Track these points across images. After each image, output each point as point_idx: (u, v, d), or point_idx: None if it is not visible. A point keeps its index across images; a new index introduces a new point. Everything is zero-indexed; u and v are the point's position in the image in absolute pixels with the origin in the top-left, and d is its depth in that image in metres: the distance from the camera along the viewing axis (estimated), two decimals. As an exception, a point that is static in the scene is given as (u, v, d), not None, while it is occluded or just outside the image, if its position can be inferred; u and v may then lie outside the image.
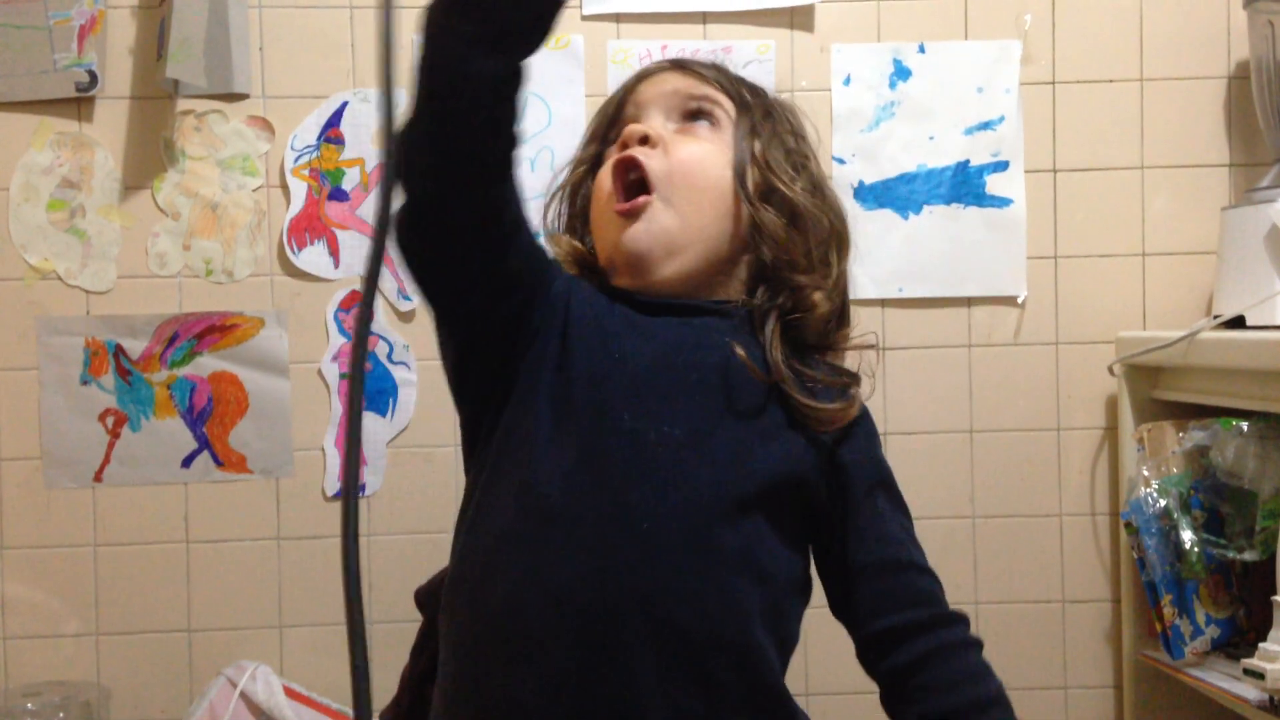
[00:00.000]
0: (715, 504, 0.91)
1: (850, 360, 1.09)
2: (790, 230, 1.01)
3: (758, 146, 1.04)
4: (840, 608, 1.01)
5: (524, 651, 0.88)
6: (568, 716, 0.87)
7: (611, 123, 1.08)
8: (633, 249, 0.99)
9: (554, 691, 0.87)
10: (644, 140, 1.01)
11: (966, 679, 0.95)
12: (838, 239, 1.06)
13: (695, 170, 1.01)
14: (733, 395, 0.96)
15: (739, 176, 1.02)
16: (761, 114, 1.07)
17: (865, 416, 1.03)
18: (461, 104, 0.83)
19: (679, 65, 1.09)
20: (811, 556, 1.03)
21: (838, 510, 0.99)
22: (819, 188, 1.07)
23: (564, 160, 1.15)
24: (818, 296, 1.01)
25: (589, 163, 1.09)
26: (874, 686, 1.00)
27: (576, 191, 1.10)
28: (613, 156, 1.03)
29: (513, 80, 0.85)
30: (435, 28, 0.83)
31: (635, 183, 1.00)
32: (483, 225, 0.89)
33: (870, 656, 0.99)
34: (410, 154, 0.84)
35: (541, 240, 1.04)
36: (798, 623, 0.99)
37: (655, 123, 1.04)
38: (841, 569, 1.00)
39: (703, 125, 1.05)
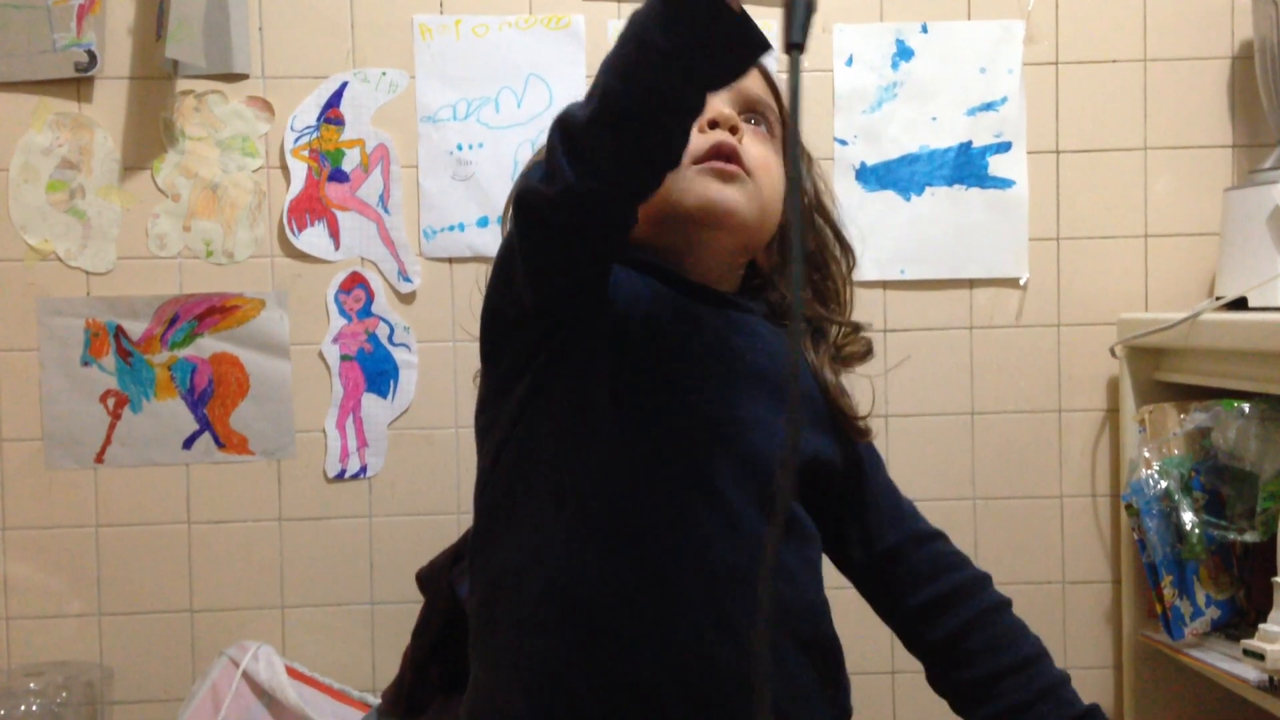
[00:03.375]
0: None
1: None
2: (837, 260, 1.10)
3: (815, 173, 1.11)
4: (876, 589, 1.07)
5: (640, 634, 0.89)
6: (693, 690, 0.89)
7: None
8: (722, 205, 0.98)
9: (678, 668, 0.89)
10: (732, 130, 1.01)
11: (1013, 638, 1.03)
12: (850, 279, 1.13)
13: (765, 172, 1.02)
14: (781, 387, 0.98)
15: (809, 195, 1.09)
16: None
17: None
18: (644, 115, 0.83)
19: None
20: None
21: (856, 500, 1.06)
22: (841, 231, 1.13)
23: None
24: (860, 344, 1.09)
25: None
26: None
27: None
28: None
29: (689, 109, 0.84)
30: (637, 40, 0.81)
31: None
32: (623, 222, 0.91)
33: (917, 629, 1.05)
34: (585, 145, 0.84)
35: None
36: None
37: (732, 114, 1.03)
38: (872, 553, 1.06)
39: (760, 130, 1.05)
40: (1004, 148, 1.72)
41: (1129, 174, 1.73)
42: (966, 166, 1.72)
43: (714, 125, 1.00)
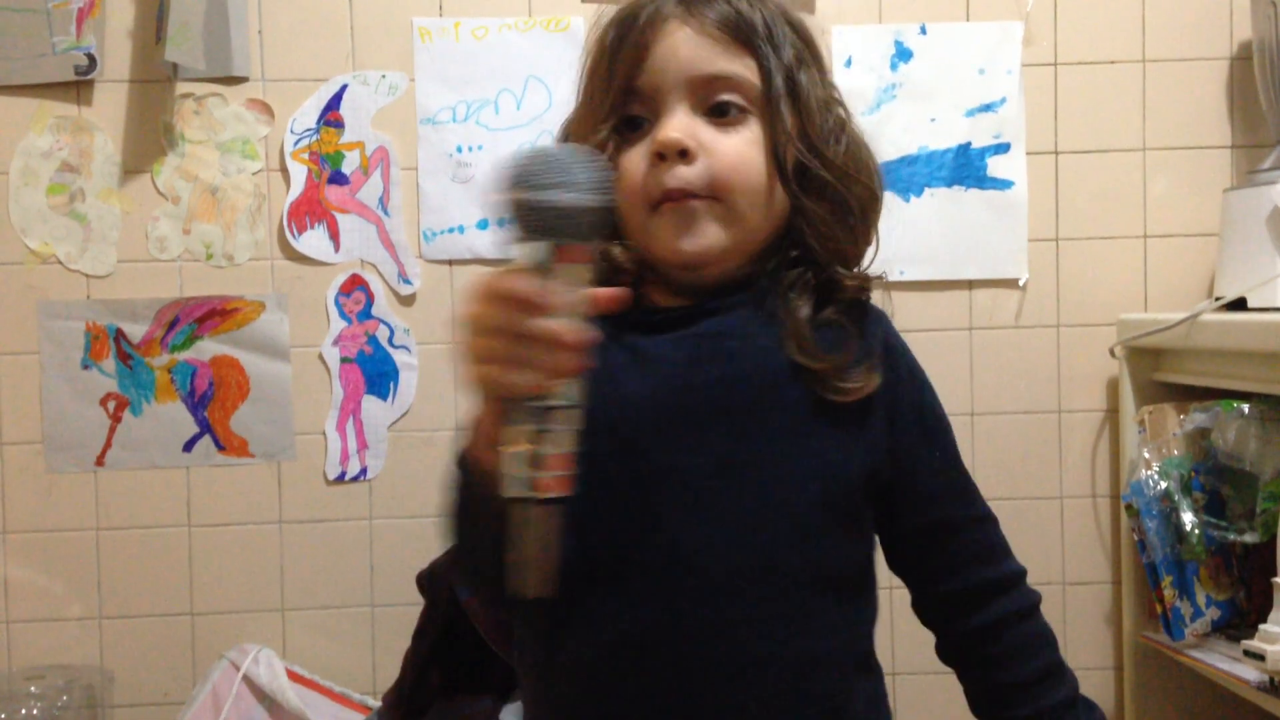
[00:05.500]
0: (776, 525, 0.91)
1: None
2: (835, 217, 0.96)
3: (796, 123, 0.94)
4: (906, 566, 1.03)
5: (621, 708, 0.88)
6: None
7: (623, 94, 0.93)
8: (694, 255, 0.92)
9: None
10: (681, 153, 0.90)
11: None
12: (875, 208, 1.01)
13: (741, 172, 0.91)
14: (764, 405, 0.91)
15: (779, 163, 0.93)
16: (794, 67, 0.96)
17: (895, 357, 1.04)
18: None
19: (690, 11, 0.93)
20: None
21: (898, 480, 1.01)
22: (856, 148, 0.99)
23: None
24: (850, 284, 0.99)
25: (606, 148, 0.93)
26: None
27: None
28: (640, 147, 0.92)
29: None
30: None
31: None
32: None
33: (943, 613, 1.02)
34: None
35: None
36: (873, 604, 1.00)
37: (681, 121, 0.91)
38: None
39: (732, 115, 0.92)
40: (1003, 149, 1.72)
41: (1128, 175, 1.73)
42: (965, 167, 1.72)
43: (662, 156, 0.90)
